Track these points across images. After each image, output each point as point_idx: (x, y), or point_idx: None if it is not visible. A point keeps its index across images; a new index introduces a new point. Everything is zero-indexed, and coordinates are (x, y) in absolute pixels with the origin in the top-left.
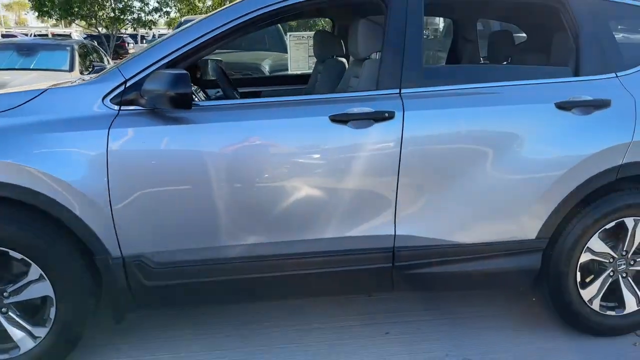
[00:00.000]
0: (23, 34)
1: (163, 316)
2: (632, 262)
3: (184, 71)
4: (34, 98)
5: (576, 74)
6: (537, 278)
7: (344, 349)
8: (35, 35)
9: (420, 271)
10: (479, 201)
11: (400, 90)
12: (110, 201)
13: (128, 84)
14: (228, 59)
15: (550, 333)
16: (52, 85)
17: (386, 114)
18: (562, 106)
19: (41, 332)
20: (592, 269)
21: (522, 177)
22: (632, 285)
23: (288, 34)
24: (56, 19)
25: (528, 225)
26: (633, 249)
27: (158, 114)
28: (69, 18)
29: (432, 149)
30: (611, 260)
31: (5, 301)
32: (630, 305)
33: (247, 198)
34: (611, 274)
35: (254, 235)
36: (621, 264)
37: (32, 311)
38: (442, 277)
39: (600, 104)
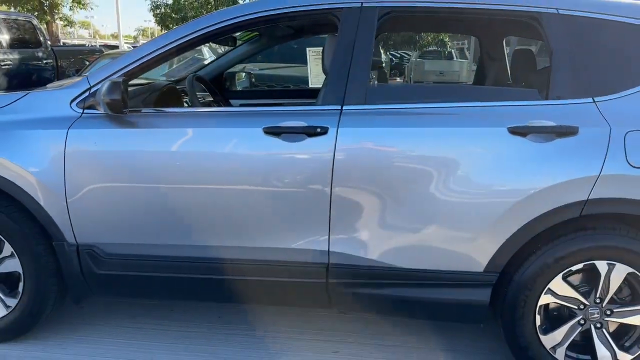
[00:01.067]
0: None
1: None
2: (607, 312)
3: (118, 80)
4: (18, 99)
5: (545, 97)
6: (493, 315)
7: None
8: None
9: (357, 291)
10: (417, 225)
11: (342, 107)
12: (66, 196)
13: (92, 90)
14: (277, 72)
15: None
16: (35, 89)
17: (318, 129)
18: (516, 131)
19: (12, 302)
20: (560, 314)
21: (465, 203)
22: (607, 339)
23: (307, 48)
24: None
25: (473, 257)
26: (608, 297)
27: (112, 118)
28: None
29: (366, 168)
30: (581, 307)
31: None
32: None
33: (179, 201)
34: (582, 322)
35: (188, 237)
36: (594, 313)
37: (9, 285)
38: (380, 300)
39: (565, 131)
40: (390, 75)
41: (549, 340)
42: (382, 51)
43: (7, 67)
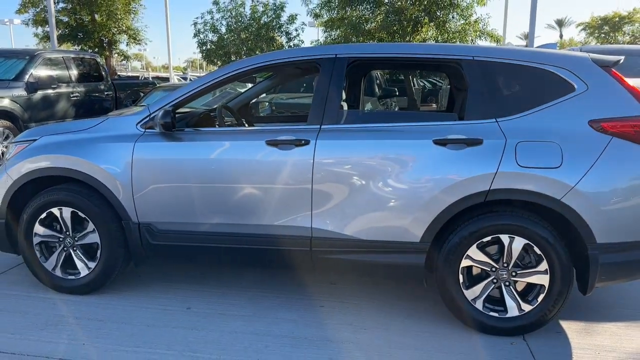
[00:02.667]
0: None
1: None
2: (513, 274)
3: (169, 108)
4: (101, 122)
5: (460, 119)
6: (429, 274)
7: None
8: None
9: (331, 257)
10: (373, 208)
11: (320, 126)
12: (132, 189)
13: (151, 116)
14: (295, 101)
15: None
16: (110, 115)
17: (303, 141)
18: (439, 142)
19: (92, 265)
20: (478, 275)
21: (406, 193)
22: (514, 294)
23: (314, 82)
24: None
25: (412, 231)
26: (512, 262)
27: (164, 135)
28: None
29: (336, 167)
30: (493, 269)
31: (75, 243)
32: (512, 310)
33: (209, 192)
34: (494, 281)
35: (215, 216)
36: (503, 274)
37: (90, 252)
38: (348, 263)
39: (473, 142)
40: (425, 102)
41: (470, 293)
42: (382, 82)
43: (75, 98)
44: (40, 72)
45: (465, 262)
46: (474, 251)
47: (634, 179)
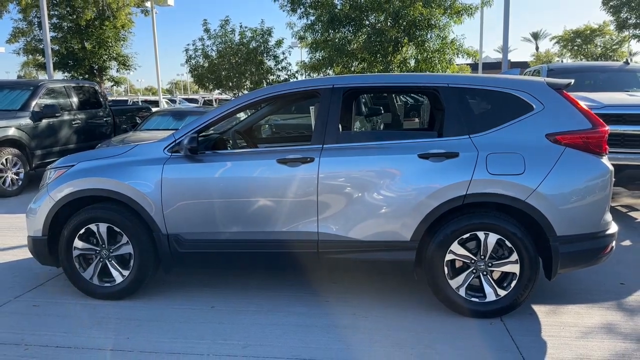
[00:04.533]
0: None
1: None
2: (490, 265)
3: (194, 135)
4: (132, 148)
5: (439, 136)
6: (419, 268)
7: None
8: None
9: (336, 256)
10: (369, 214)
11: (323, 145)
12: (162, 205)
13: (177, 141)
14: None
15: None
16: (141, 144)
17: (308, 159)
18: (423, 156)
19: (126, 273)
20: (460, 267)
21: (397, 200)
22: (491, 282)
23: (310, 107)
24: (210, 89)
25: (402, 232)
26: (488, 254)
27: (188, 157)
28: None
29: (337, 180)
30: (473, 261)
31: (111, 254)
32: (490, 296)
33: (229, 206)
34: (474, 271)
35: (235, 227)
36: (481, 265)
37: (124, 262)
38: (350, 261)
39: (451, 155)
40: (408, 116)
41: (454, 283)
42: (368, 101)
43: (76, 125)
44: (44, 101)
45: (449, 256)
46: (456, 247)
47: (584, 181)
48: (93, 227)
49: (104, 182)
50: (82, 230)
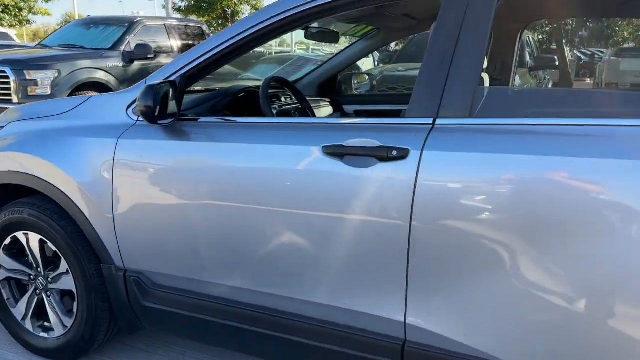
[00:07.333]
0: None
1: None
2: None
3: (153, 83)
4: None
5: None
6: None
7: None
8: None
9: None
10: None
11: (434, 121)
12: (113, 212)
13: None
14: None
15: None
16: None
17: (394, 152)
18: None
19: (69, 322)
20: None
21: None
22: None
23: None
24: None
25: None
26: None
27: (166, 126)
28: None
29: (462, 208)
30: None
31: (49, 285)
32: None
33: (230, 235)
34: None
35: (239, 277)
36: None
37: (64, 302)
38: None
39: None
40: (578, 76)
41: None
42: (534, 47)
43: None
44: (139, 41)
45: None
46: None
47: None
48: (21, 236)
49: (25, 161)
50: (8, 240)
